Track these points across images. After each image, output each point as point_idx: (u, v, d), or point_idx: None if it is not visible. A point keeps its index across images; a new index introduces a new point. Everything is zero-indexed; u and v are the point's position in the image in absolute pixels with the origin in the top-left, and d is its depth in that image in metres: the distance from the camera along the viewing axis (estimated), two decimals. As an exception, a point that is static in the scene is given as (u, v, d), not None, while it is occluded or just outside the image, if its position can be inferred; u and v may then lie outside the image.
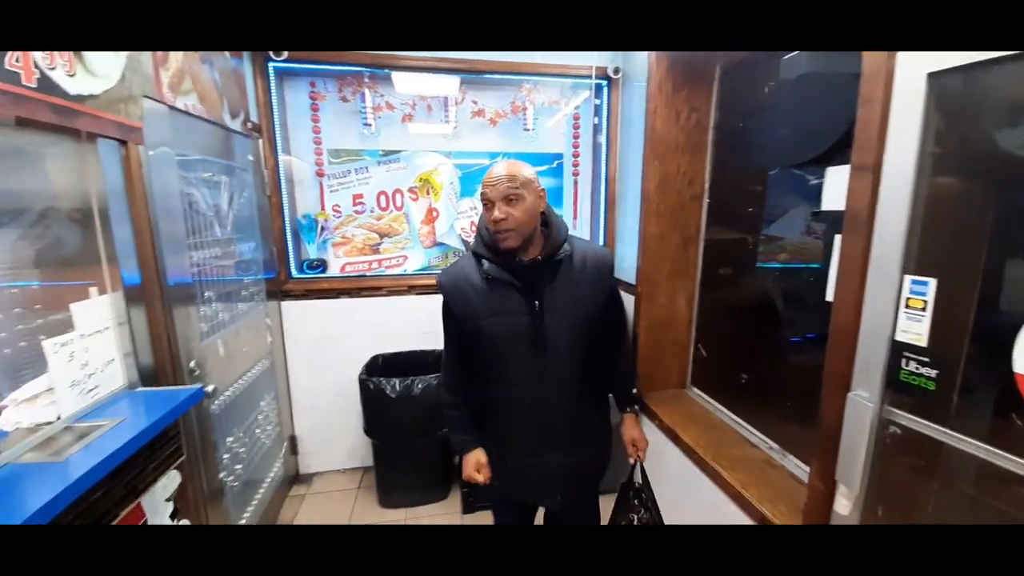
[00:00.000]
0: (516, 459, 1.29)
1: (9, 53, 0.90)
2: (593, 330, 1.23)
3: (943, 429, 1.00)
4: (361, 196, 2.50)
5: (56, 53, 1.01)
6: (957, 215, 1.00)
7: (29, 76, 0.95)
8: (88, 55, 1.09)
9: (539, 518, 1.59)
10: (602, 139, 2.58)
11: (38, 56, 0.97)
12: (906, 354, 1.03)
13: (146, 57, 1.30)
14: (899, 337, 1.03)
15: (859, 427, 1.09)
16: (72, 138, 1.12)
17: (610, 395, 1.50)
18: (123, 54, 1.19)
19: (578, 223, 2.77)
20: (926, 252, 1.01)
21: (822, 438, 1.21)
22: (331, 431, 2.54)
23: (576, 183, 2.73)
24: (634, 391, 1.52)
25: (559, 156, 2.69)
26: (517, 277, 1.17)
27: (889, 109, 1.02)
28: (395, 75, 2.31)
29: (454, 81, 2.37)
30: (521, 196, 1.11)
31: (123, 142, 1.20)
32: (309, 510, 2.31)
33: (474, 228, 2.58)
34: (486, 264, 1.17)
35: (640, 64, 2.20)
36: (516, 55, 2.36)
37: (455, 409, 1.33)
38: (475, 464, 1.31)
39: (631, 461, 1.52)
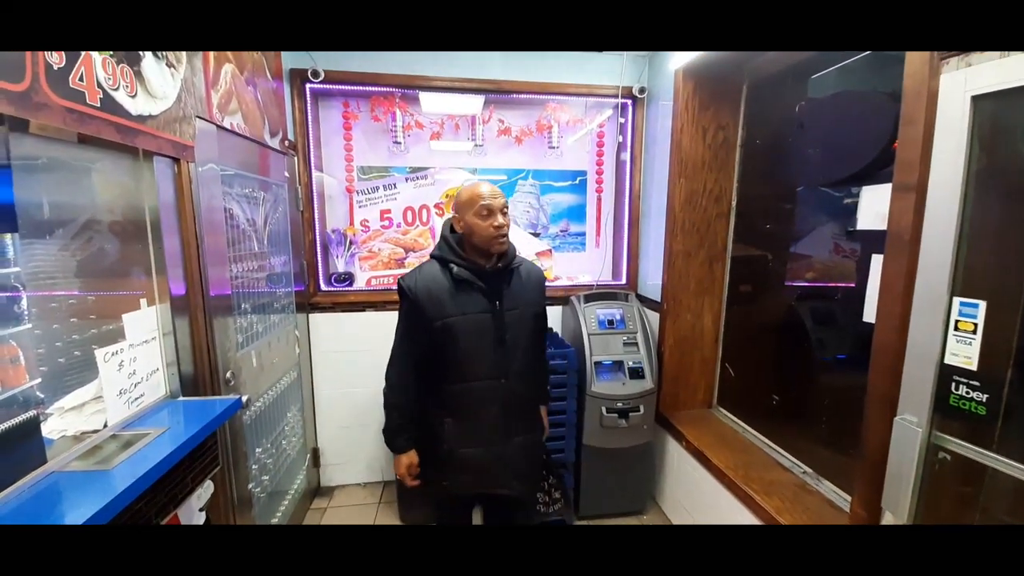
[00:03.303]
0: (480, 450, 1.38)
1: (72, 73, 0.95)
2: (537, 328, 1.45)
3: (994, 455, 0.97)
4: (388, 211, 2.55)
5: (119, 74, 1.06)
6: (1005, 236, 0.99)
7: (93, 96, 1.00)
8: (149, 77, 1.14)
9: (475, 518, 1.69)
10: (626, 157, 2.60)
11: (101, 76, 1.02)
12: (956, 378, 1.00)
13: (199, 79, 1.36)
14: (948, 360, 1.01)
15: (907, 453, 1.06)
16: (128, 155, 1.17)
17: None
18: (179, 76, 1.25)
19: (601, 240, 2.78)
20: (975, 273, 0.99)
21: (865, 464, 1.18)
22: (353, 444, 2.55)
23: (599, 200, 2.75)
24: (547, 387, 1.77)
25: (583, 173, 2.72)
26: (481, 280, 1.33)
27: (933, 130, 1.01)
28: (424, 95, 2.37)
29: (480, 101, 2.42)
30: (507, 212, 1.33)
31: (176, 159, 1.25)
32: (330, 523, 2.30)
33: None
34: (455, 268, 1.31)
35: (666, 83, 2.22)
36: (542, 75, 2.41)
37: (397, 411, 1.40)
38: (408, 465, 1.41)
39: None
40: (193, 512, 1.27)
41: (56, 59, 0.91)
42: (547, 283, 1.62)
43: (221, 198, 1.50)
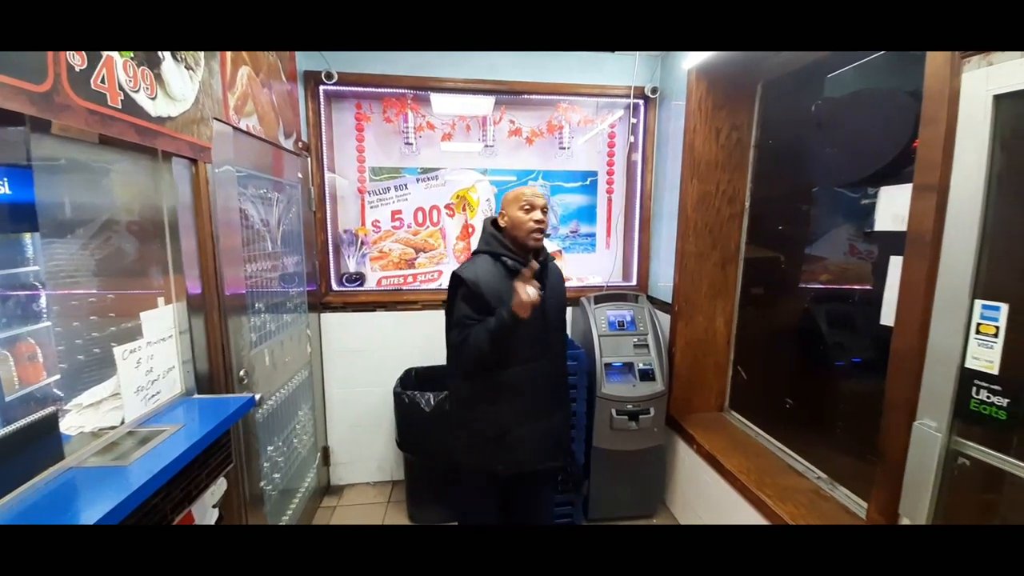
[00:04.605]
0: (532, 426, 1.48)
1: (94, 75, 0.97)
2: (563, 315, 1.66)
3: (1015, 461, 0.95)
4: (400, 212, 2.57)
5: (139, 76, 1.08)
6: (1031, 238, 0.96)
7: (115, 97, 1.02)
8: (168, 79, 1.16)
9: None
10: (637, 157, 2.59)
11: (122, 78, 1.04)
12: (976, 382, 0.99)
13: (216, 81, 1.38)
14: (969, 364, 0.99)
15: (926, 458, 1.04)
16: (149, 156, 1.19)
17: None
18: (197, 79, 1.27)
19: (612, 241, 2.77)
20: (997, 276, 0.97)
21: (883, 469, 1.16)
22: (363, 443, 2.57)
23: (610, 201, 2.74)
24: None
25: (593, 174, 2.71)
26: None
27: (955, 130, 0.99)
28: (435, 96, 2.38)
29: (491, 101, 2.43)
30: (547, 212, 1.50)
31: (194, 160, 1.27)
32: (339, 522, 2.32)
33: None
34: (509, 260, 1.46)
35: (679, 83, 2.21)
36: (553, 76, 2.41)
37: (476, 330, 1.39)
38: (517, 294, 1.33)
39: None
40: (207, 508, 1.29)
41: (78, 61, 0.92)
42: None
43: (236, 199, 1.52)
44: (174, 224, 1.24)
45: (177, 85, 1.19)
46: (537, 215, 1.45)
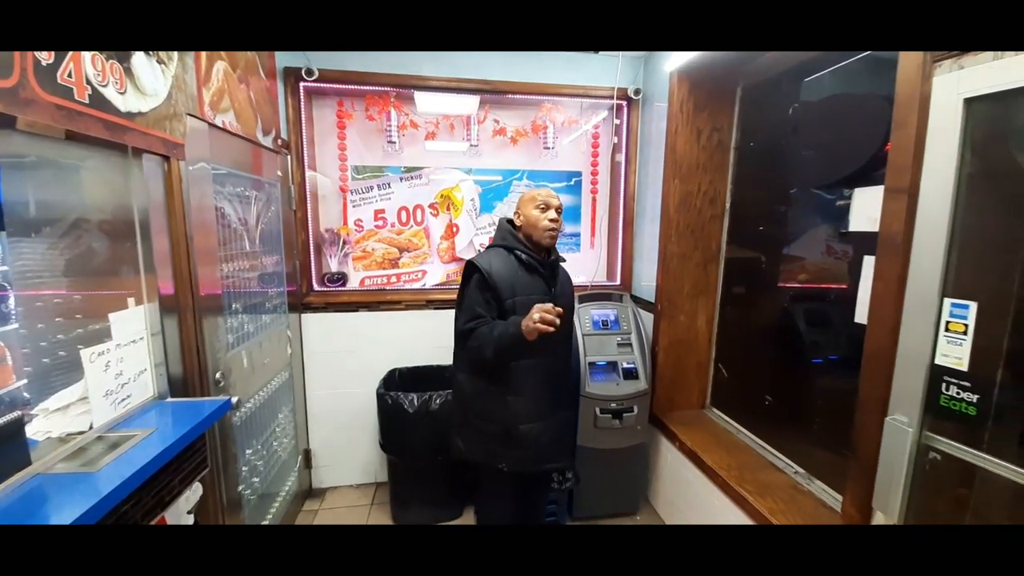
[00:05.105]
0: (538, 425, 1.49)
1: (60, 69, 0.94)
2: (571, 315, 1.69)
3: (984, 456, 0.98)
4: (383, 211, 2.54)
5: (108, 70, 1.05)
6: (997, 238, 0.99)
7: (82, 92, 0.99)
8: (139, 73, 1.13)
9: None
10: (621, 158, 2.60)
11: (90, 72, 1.00)
12: (946, 378, 1.01)
13: (191, 77, 1.34)
14: (939, 361, 1.02)
15: (898, 453, 1.06)
16: (117, 153, 1.15)
17: None
18: (170, 74, 1.24)
19: (596, 240, 2.78)
20: (966, 275, 1.00)
21: (857, 464, 1.18)
22: (346, 445, 2.53)
23: (594, 201, 2.75)
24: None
25: (578, 174, 2.72)
26: (542, 267, 1.53)
27: (925, 133, 1.02)
28: (419, 95, 2.36)
29: (476, 101, 2.41)
30: (560, 212, 1.55)
31: (166, 157, 1.24)
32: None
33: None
34: (523, 255, 1.50)
35: (661, 85, 2.23)
36: (538, 76, 2.41)
37: (484, 322, 1.43)
38: (531, 315, 1.29)
39: None
40: (181, 515, 1.25)
41: (45, 55, 0.89)
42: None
43: (212, 197, 1.48)
44: (145, 223, 1.20)
45: (148, 80, 1.15)
46: (552, 214, 1.50)
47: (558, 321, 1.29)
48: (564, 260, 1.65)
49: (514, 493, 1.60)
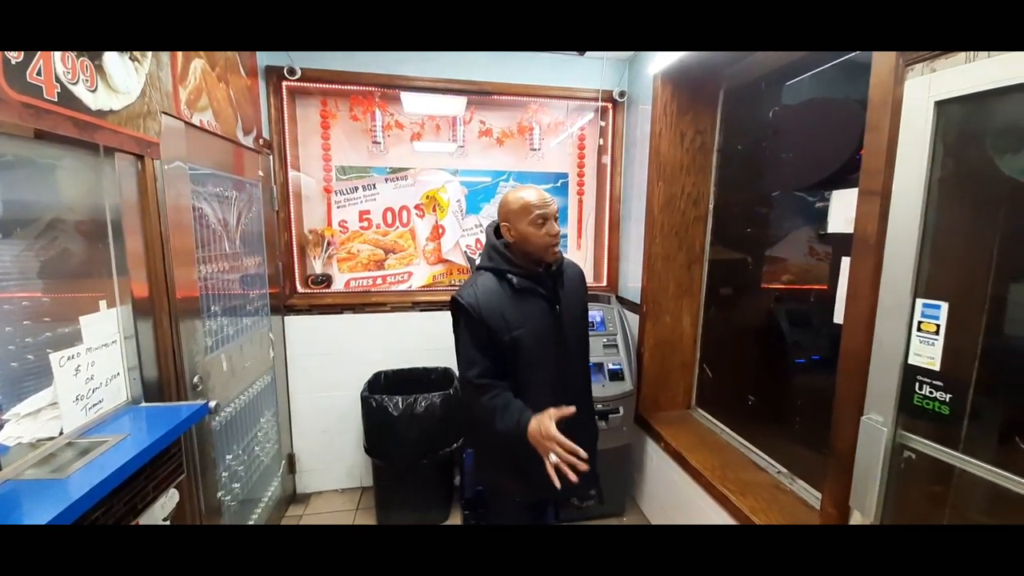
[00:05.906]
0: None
1: (30, 67, 0.92)
2: (585, 324, 1.47)
3: (958, 454, 0.99)
4: (368, 212, 2.52)
5: (79, 67, 1.03)
6: (968, 238, 1.01)
7: (51, 90, 0.97)
8: (110, 71, 1.10)
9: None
10: (607, 160, 2.62)
11: (60, 70, 0.98)
12: (920, 378, 1.03)
13: (166, 74, 1.32)
14: (912, 361, 1.03)
15: (873, 452, 1.08)
16: (90, 152, 1.13)
17: None
18: (144, 71, 1.21)
19: (583, 242, 2.79)
20: (937, 276, 1.01)
21: (834, 463, 1.20)
22: (330, 450, 2.50)
23: (581, 202, 2.76)
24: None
25: (564, 176, 2.72)
26: (540, 286, 1.31)
27: (897, 136, 1.03)
28: (405, 95, 2.35)
29: (462, 102, 2.41)
30: (558, 217, 1.32)
31: (140, 156, 1.21)
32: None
33: (480, 246, 2.59)
34: (516, 279, 1.28)
35: (645, 87, 2.24)
36: (524, 78, 2.41)
37: (494, 391, 1.26)
38: (541, 430, 1.18)
39: None
40: (156, 521, 1.23)
41: (14, 53, 0.88)
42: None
43: (189, 197, 1.45)
44: (117, 223, 1.17)
45: (120, 77, 1.13)
46: (552, 228, 1.26)
47: (581, 467, 1.13)
48: (564, 265, 1.40)
49: (528, 516, 1.48)
